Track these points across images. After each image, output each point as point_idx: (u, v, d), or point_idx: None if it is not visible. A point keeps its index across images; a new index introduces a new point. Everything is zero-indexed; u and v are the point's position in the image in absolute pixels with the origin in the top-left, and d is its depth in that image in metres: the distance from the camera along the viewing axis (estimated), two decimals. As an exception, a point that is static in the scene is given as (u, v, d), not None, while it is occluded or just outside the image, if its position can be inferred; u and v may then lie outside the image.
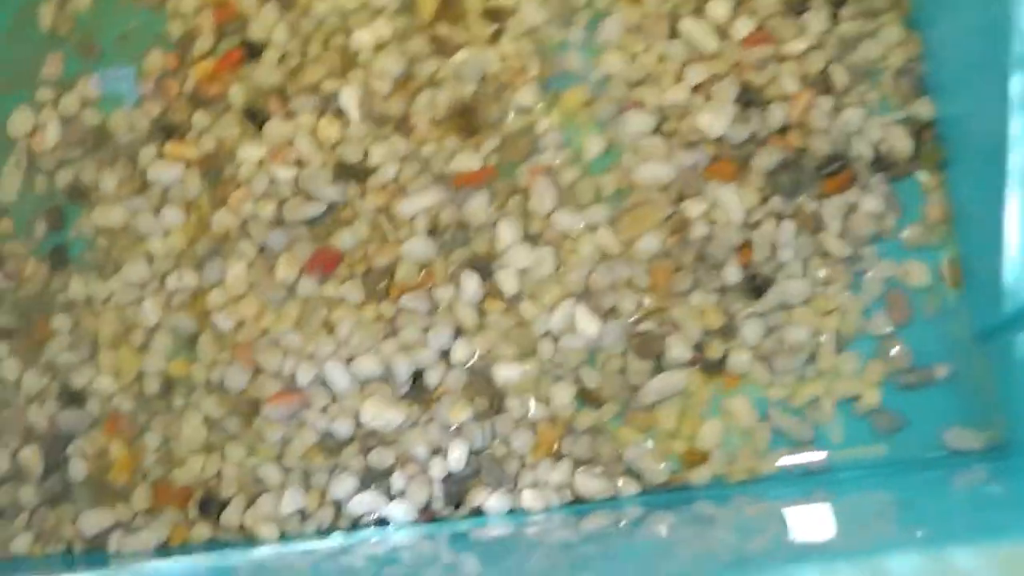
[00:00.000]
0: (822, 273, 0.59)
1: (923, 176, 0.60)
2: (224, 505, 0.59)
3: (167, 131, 0.63)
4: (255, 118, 0.62)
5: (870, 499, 0.55)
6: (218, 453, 0.59)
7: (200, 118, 0.63)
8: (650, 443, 0.58)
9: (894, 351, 0.58)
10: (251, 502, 0.59)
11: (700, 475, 0.57)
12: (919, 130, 0.60)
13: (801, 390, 0.58)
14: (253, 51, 0.63)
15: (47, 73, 0.65)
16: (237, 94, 0.63)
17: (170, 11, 0.65)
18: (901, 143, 0.60)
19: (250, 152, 0.62)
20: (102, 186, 0.63)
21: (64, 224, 0.64)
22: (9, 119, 0.65)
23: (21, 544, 0.59)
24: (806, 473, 0.57)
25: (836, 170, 0.59)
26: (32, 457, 0.60)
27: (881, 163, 0.60)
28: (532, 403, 0.58)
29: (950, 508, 0.50)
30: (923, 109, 0.60)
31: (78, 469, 0.60)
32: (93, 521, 0.59)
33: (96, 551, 0.59)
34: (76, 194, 0.64)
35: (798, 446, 0.58)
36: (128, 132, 0.64)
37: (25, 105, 0.65)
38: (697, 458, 0.58)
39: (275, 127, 0.62)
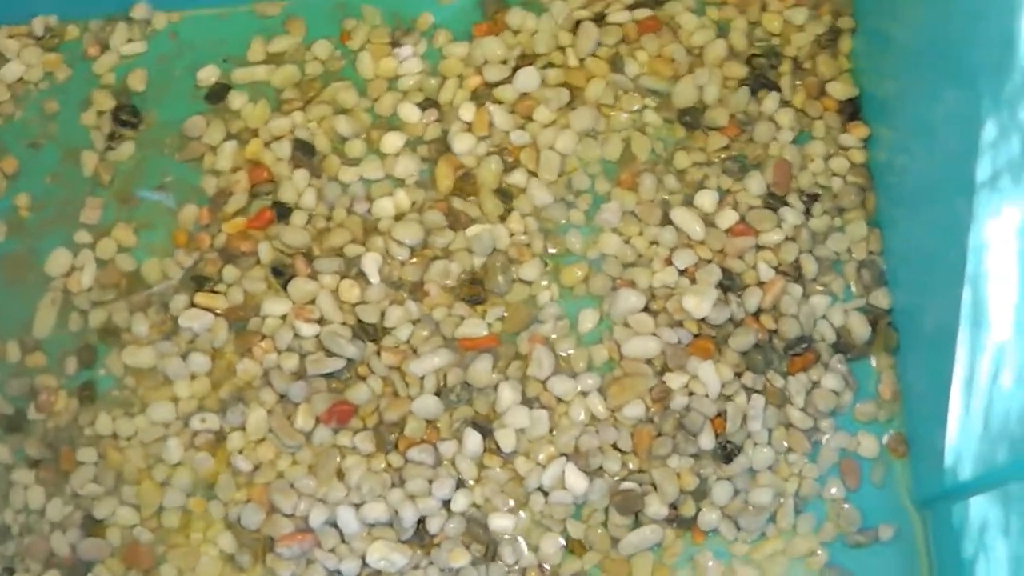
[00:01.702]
0: (785, 443, 0.66)
1: (877, 359, 0.67)
2: (236, 636, 0.64)
3: (198, 281, 0.69)
4: (281, 275, 0.68)
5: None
6: (232, 587, 0.64)
7: (229, 272, 0.69)
8: (626, 592, 0.64)
9: (845, 513, 0.65)
10: (261, 635, 0.64)
11: (669, 625, 0.64)
12: (876, 318, 0.68)
13: (762, 546, 0.65)
14: (282, 212, 0.69)
15: (86, 217, 0.71)
16: (265, 252, 0.69)
17: (206, 168, 0.71)
18: (860, 329, 0.67)
19: (275, 307, 0.68)
20: (134, 328, 0.68)
21: (95, 361, 0.69)
22: (48, 258, 0.70)
23: (40, 666, 0.63)
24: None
25: (802, 351, 0.67)
26: (55, 583, 0.65)
27: (841, 346, 0.67)
28: (524, 550, 0.64)
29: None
30: (881, 299, 0.68)
31: (98, 596, 0.64)
32: (110, 647, 0.63)
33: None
34: (108, 334, 0.69)
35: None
36: (161, 280, 0.69)
37: (63, 246, 0.70)
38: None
39: (299, 285, 0.68)
